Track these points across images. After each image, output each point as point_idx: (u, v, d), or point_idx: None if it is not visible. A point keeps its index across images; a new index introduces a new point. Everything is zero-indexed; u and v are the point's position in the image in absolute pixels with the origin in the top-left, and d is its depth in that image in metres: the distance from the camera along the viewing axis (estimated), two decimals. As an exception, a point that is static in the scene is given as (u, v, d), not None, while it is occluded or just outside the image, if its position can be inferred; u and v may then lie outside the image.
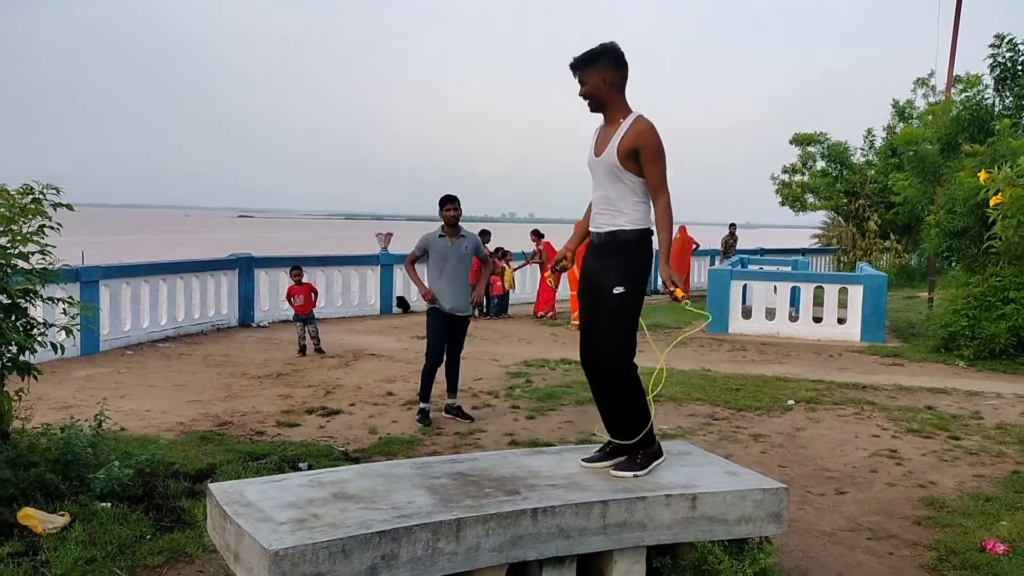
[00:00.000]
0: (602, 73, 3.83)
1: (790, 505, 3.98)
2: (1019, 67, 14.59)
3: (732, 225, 22.39)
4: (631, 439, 3.91)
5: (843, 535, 4.76)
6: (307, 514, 3.17)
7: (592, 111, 3.98)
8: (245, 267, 13.16)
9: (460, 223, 7.14)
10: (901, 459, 6.30)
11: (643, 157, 3.75)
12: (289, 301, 11.15)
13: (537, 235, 15.83)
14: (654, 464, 3.90)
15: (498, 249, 15.63)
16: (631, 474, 3.79)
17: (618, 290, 3.80)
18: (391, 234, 15.92)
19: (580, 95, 3.93)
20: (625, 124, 3.80)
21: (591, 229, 4.00)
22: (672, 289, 3.78)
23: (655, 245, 3.90)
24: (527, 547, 3.30)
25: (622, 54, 3.86)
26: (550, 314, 14.81)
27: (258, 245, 38.25)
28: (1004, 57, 14.55)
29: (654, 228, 3.88)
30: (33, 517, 4.25)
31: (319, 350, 10.58)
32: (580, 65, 3.86)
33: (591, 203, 4.04)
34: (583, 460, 4.03)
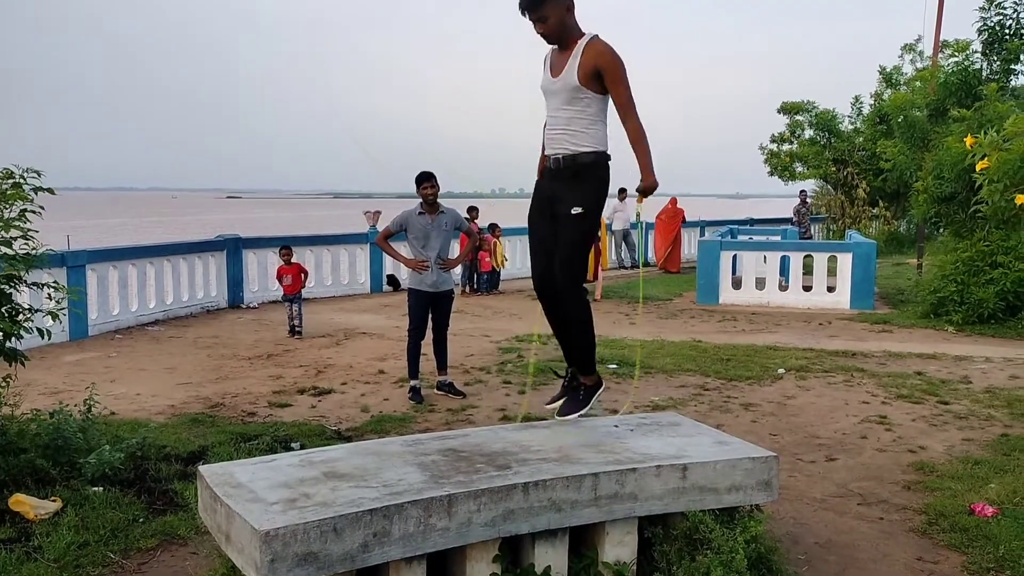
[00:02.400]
0: (561, 2, 3.72)
1: (781, 473, 4.00)
2: (1007, 31, 14.54)
3: (803, 192, 22.19)
4: (584, 370, 3.92)
5: (834, 501, 4.80)
6: (298, 494, 3.16)
7: (551, 43, 3.86)
8: (233, 248, 13.09)
9: (440, 200, 7.11)
10: (891, 425, 6.35)
11: (608, 79, 3.69)
12: (279, 281, 11.10)
13: None
14: (596, 396, 3.91)
15: (492, 225, 15.58)
16: (576, 415, 3.81)
17: (576, 210, 3.77)
18: (379, 212, 15.84)
19: (541, 33, 3.79)
20: (582, 44, 3.73)
21: (547, 153, 3.92)
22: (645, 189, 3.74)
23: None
24: (519, 521, 3.31)
25: None
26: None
27: (246, 226, 38.06)
28: (992, 21, 14.49)
29: (610, 153, 3.87)
30: (24, 503, 4.25)
31: (297, 332, 10.33)
32: (536, 3, 3.71)
33: (545, 126, 3.98)
34: (546, 404, 4.08)
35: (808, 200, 22.23)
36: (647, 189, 3.78)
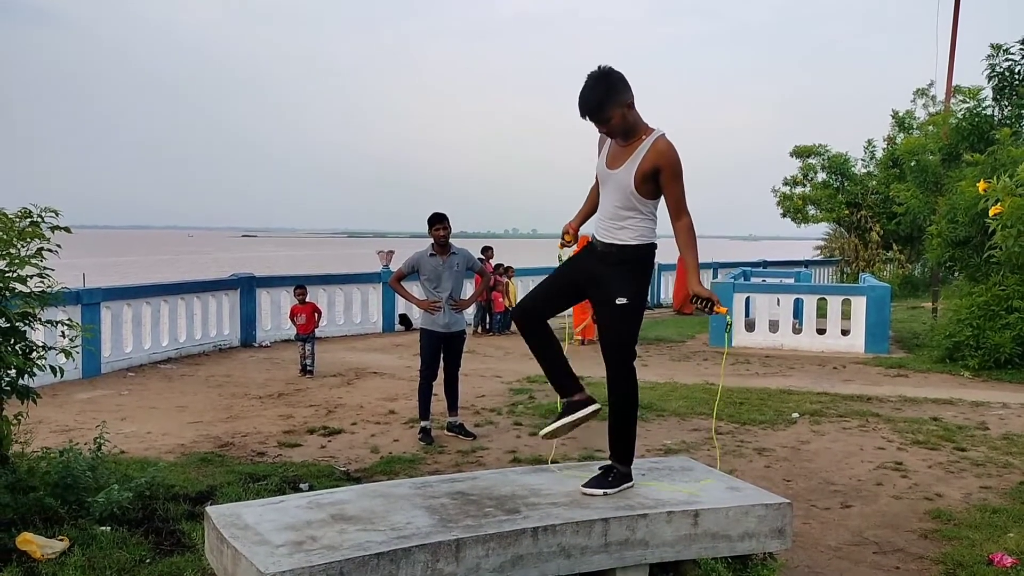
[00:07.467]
0: (622, 102, 3.67)
1: (795, 520, 3.94)
2: (1016, 76, 14.58)
3: None
4: (622, 458, 3.90)
5: (849, 549, 4.71)
6: (305, 536, 3.14)
7: (614, 139, 3.82)
8: (247, 287, 13.16)
9: (453, 240, 7.16)
10: (907, 471, 6.25)
11: (663, 177, 3.67)
12: (292, 320, 11.13)
13: None
14: (624, 486, 3.88)
15: (499, 265, 15.61)
16: (601, 491, 3.78)
17: (620, 301, 3.79)
18: (392, 252, 15.92)
19: (605, 132, 3.78)
20: (647, 143, 3.70)
21: (595, 235, 3.95)
22: (714, 304, 3.74)
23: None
24: (528, 567, 3.27)
25: (621, 73, 3.71)
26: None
27: (261, 264, 38.34)
28: (1001, 67, 14.55)
29: (656, 242, 3.90)
30: (32, 542, 4.22)
31: (308, 371, 10.37)
32: (599, 108, 3.66)
33: (594, 190, 4.09)
34: (583, 486, 4.01)
35: None
36: (694, 296, 3.78)
